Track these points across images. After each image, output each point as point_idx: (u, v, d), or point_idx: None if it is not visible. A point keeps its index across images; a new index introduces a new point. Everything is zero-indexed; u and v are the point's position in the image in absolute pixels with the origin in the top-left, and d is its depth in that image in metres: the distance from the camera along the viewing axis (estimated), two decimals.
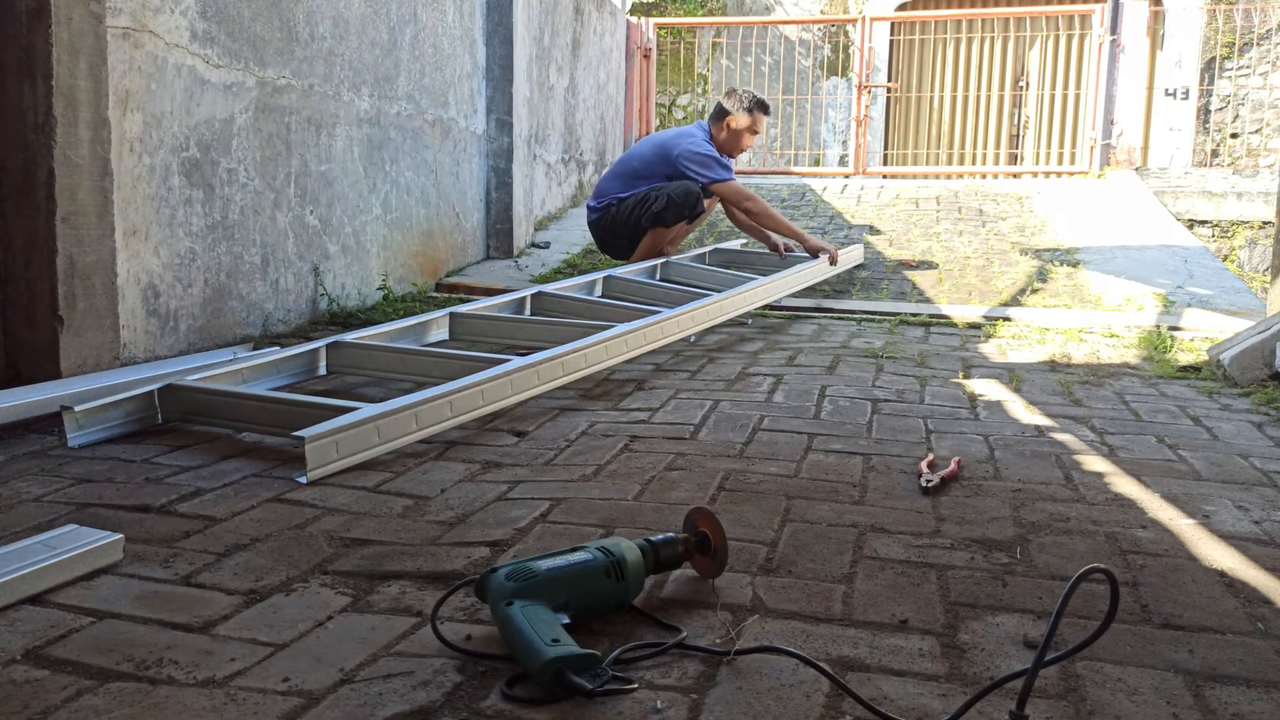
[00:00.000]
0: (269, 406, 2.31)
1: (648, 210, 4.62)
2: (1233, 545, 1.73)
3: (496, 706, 1.16)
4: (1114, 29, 7.63)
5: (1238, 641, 1.36)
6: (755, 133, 4.77)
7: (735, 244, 5.47)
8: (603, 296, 3.97)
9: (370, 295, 4.22)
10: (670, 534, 1.50)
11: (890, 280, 4.94)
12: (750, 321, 4.12)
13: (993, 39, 10.17)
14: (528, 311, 3.60)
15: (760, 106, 4.73)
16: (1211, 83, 9.48)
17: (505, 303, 3.54)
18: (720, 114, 4.74)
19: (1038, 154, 9.99)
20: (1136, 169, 7.79)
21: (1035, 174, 8.64)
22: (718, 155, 4.69)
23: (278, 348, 2.98)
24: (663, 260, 4.57)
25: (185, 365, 2.74)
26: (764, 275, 4.22)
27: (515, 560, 1.40)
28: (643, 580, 1.42)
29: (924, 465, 2.11)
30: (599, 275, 4.08)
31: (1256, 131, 9.44)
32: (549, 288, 3.70)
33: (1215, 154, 9.49)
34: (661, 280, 4.37)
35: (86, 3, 2.62)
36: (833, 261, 4.66)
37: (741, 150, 4.83)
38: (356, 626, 1.37)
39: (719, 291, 3.76)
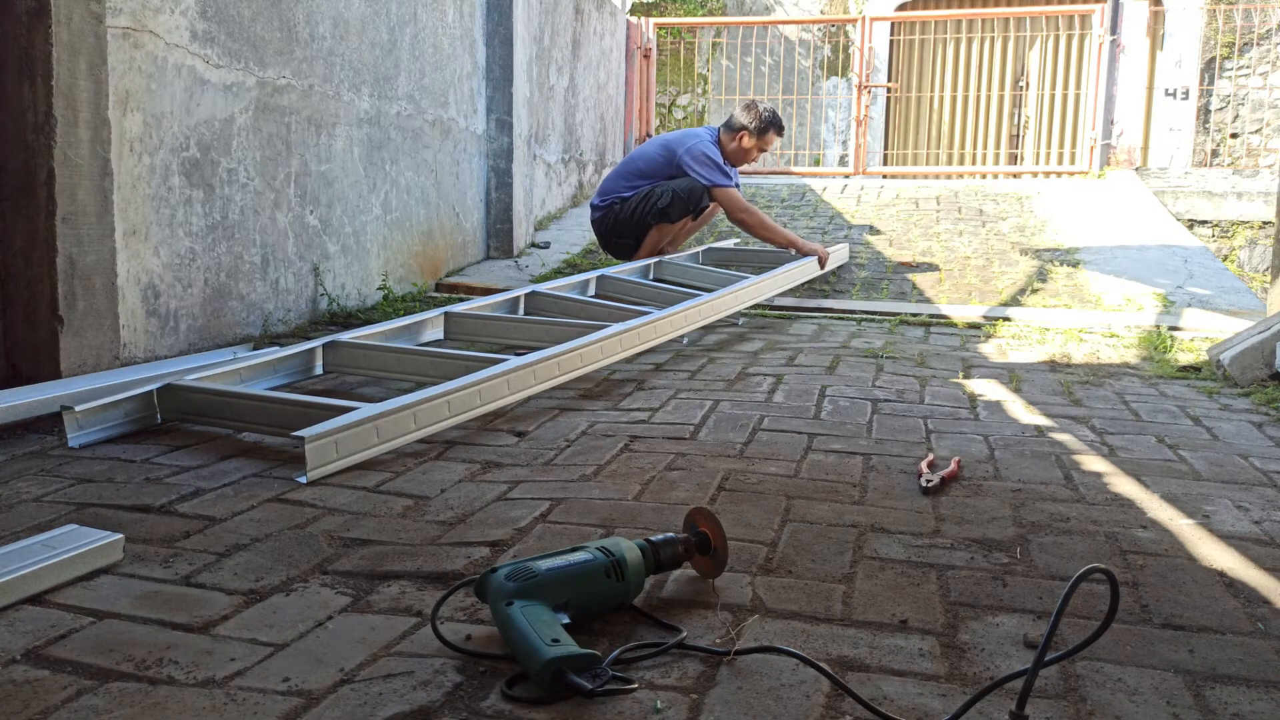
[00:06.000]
0: (268, 406, 2.31)
1: (653, 207, 4.61)
2: (1233, 545, 1.73)
3: (496, 706, 1.16)
4: (1114, 29, 7.63)
5: (1238, 641, 1.36)
6: (762, 149, 4.78)
7: (729, 243, 5.48)
8: (596, 296, 3.97)
9: (370, 295, 4.22)
10: (670, 534, 1.50)
11: (890, 280, 4.94)
12: (742, 321, 4.13)
13: (993, 39, 10.17)
14: (522, 311, 3.61)
15: (776, 126, 4.73)
16: (1211, 83, 9.48)
17: (500, 302, 3.55)
18: (733, 125, 4.74)
19: (1038, 154, 9.99)
20: (1136, 169, 7.79)
21: (1035, 174, 8.64)
22: (721, 161, 4.68)
23: (277, 347, 2.98)
24: (655, 259, 4.56)
25: (185, 365, 2.74)
26: (756, 274, 4.22)
27: (515, 560, 1.40)
28: (643, 580, 1.42)
29: (924, 465, 2.11)
30: (592, 275, 4.08)
31: (1256, 131, 9.43)
32: (542, 287, 3.71)
33: (1215, 154, 9.49)
34: (654, 280, 4.37)
35: (86, 3, 2.62)
36: (823, 264, 4.70)
37: (746, 161, 4.84)
38: (356, 626, 1.37)
39: (711, 291, 3.76)
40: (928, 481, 2.01)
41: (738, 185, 4.80)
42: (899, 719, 1.13)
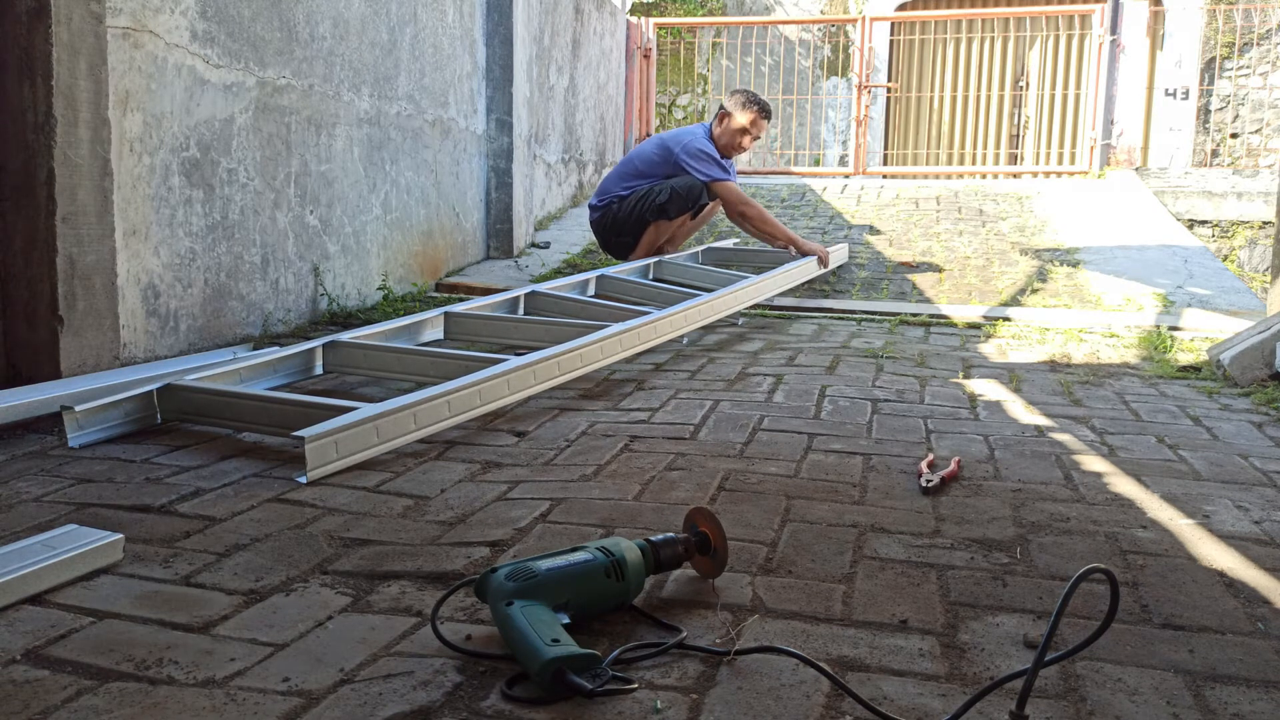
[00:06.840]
0: (268, 406, 2.31)
1: (651, 204, 4.62)
2: (1233, 545, 1.73)
3: (496, 706, 1.16)
4: (1114, 29, 7.63)
5: (1238, 641, 1.36)
6: (753, 135, 4.76)
7: (729, 243, 5.48)
8: (596, 296, 3.97)
9: (370, 295, 4.22)
10: (670, 534, 1.50)
11: (890, 280, 4.94)
12: (742, 321, 4.13)
13: (993, 39, 10.17)
14: (521, 311, 3.61)
15: (759, 106, 4.73)
16: (1211, 83, 9.47)
17: (499, 302, 3.55)
18: (722, 115, 4.76)
19: (1038, 154, 9.99)
20: (1136, 169, 7.79)
21: (1035, 174, 8.64)
22: (717, 155, 4.69)
23: (277, 348, 2.98)
24: (655, 259, 4.57)
25: (185, 365, 2.74)
26: (756, 274, 4.22)
27: (515, 560, 1.40)
28: (643, 580, 1.42)
29: (924, 465, 2.11)
30: (592, 274, 4.08)
31: (1256, 131, 9.43)
32: (542, 287, 3.71)
33: (1215, 154, 9.49)
34: (654, 280, 4.37)
35: (86, 3, 2.62)
36: (823, 264, 4.70)
37: (739, 150, 4.82)
38: (356, 626, 1.37)
39: (711, 291, 3.76)
40: (928, 481, 2.01)
41: (735, 181, 4.81)
42: (899, 719, 1.13)
